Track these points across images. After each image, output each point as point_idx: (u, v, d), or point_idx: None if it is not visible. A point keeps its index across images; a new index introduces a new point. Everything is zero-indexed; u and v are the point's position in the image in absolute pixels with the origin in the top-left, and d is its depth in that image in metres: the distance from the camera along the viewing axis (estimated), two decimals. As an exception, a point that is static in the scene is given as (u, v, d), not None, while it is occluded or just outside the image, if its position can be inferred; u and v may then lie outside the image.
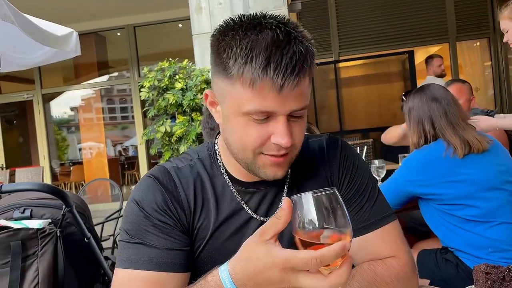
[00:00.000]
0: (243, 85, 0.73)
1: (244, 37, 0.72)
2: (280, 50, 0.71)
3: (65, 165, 9.32)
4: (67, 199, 1.75)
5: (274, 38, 0.71)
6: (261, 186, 0.88)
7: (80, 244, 1.88)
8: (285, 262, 0.60)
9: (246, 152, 0.79)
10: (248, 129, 0.77)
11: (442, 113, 1.73)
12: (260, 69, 0.71)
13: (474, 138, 1.69)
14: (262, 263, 0.62)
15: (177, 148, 3.60)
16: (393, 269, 0.86)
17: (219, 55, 0.76)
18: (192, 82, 3.54)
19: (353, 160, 0.94)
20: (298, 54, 0.72)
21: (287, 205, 0.63)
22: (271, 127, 0.76)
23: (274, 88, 0.71)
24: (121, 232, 0.85)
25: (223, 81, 0.77)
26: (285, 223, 0.62)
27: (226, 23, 0.78)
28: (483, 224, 1.65)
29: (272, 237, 0.62)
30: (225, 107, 0.80)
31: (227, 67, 0.74)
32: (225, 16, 3.70)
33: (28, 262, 1.66)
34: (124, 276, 0.80)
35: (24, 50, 3.65)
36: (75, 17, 6.91)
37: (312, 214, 0.62)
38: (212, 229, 0.85)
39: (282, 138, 0.75)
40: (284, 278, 0.61)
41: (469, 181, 1.66)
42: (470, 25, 6.70)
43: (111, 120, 10.04)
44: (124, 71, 8.53)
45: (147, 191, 0.84)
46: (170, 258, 0.80)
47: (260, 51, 0.71)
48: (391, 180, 1.84)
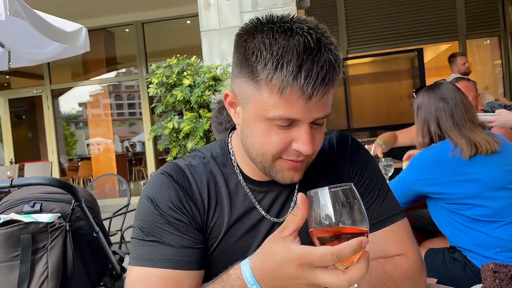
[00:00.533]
0: (270, 91, 0.72)
1: (275, 41, 0.71)
2: (311, 58, 0.70)
3: (73, 160, 9.40)
4: (77, 194, 1.76)
5: (306, 45, 0.70)
6: (274, 186, 0.88)
7: (88, 238, 1.90)
8: (302, 258, 0.60)
9: (265, 156, 0.79)
10: (270, 135, 0.76)
11: (448, 114, 1.72)
12: (291, 77, 0.69)
13: (482, 139, 1.67)
14: (280, 258, 0.63)
15: (184, 144, 3.62)
16: (402, 267, 0.86)
17: (246, 58, 0.74)
18: (200, 79, 3.55)
19: (363, 158, 0.94)
20: (328, 63, 0.71)
21: (303, 201, 0.63)
22: (294, 133, 0.75)
23: (303, 97, 0.70)
24: (135, 229, 0.84)
25: (248, 83, 0.75)
26: (302, 219, 0.63)
27: (252, 22, 0.77)
28: (491, 224, 1.65)
29: (291, 233, 0.63)
30: (247, 110, 0.79)
31: (254, 71, 0.73)
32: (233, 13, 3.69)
33: (38, 255, 1.68)
34: (139, 273, 0.80)
35: (34, 45, 3.68)
36: (84, 13, 6.94)
37: (329, 209, 0.61)
38: (225, 228, 0.85)
39: (304, 146, 0.75)
40: (301, 274, 0.61)
41: (477, 181, 1.65)
42: (480, 22, 6.63)
43: (119, 116, 10.10)
44: (132, 67, 8.57)
45: (161, 189, 0.84)
46: (185, 256, 0.80)
47: (292, 58, 0.69)
48: (399, 179, 1.84)
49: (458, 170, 1.67)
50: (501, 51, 6.74)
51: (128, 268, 0.83)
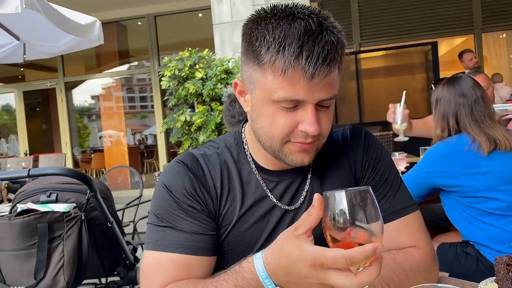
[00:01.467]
0: (274, 73, 0.74)
1: (277, 26, 0.73)
2: (312, 39, 0.72)
3: (86, 152, 9.52)
4: (92, 184, 1.79)
5: (307, 28, 0.72)
6: (286, 175, 0.90)
7: (103, 228, 1.93)
8: (315, 259, 0.61)
9: (274, 140, 0.81)
10: (277, 117, 0.78)
11: (468, 110, 1.72)
12: (292, 58, 0.71)
13: (501, 136, 1.67)
14: (292, 257, 0.64)
15: (196, 137, 3.64)
16: (414, 259, 0.86)
17: (251, 44, 0.77)
18: (212, 72, 3.56)
19: (377, 150, 0.94)
20: (330, 44, 0.72)
21: (319, 201, 0.63)
22: (300, 115, 0.77)
23: (305, 77, 0.72)
24: (150, 215, 0.87)
25: (254, 69, 0.78)
26: (317, 219, 0.63)
27: (258, 12, 0.79)
28: (505, 218, 1.64)
29: (304, 232, 0.64)
30: (255, 96, 0.81)
31: (259, 55, 0.75)
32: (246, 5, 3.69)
33: (54, 244, 1.72)
34: (154, 258, 0.83)
35: (49, 38, 3.72)
36: (97, 6, 6.99)
37: (344, 211, 0.61)
38: (237, 216, 0.87)
39: (310, 126, 0.76)
40: (312, 274, 0.62)
41: (491, 173, 1.65)
42: (497, 15, 6.51)
43: (131, 109, 10.18)
44: (144, 60, 8.62)
45: (176, 177, 0.87)
46: (198, 242, 0.83)
47: (293, 40, 0.72)
48: (413, 172, 1.83)
49: (473, 163, 1.66)
50: (517, 45, 6.63)
51: (144, 252, 0.85)
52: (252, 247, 0.87)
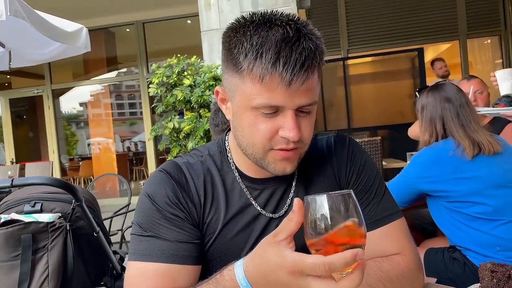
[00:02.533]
0: (252, 80, 0.75)
1: (255, 33, 0.74)
2: (289, 46, 0.72)
3: (74, 160, 9.42)
4: (77, 194, 1.77)
5: (284, 35, 0.73)
6: (270, 182, 0.90)
7: (89, 238, 1.90)
8: (294, 265, 0.59)
9: (255, 147, 0.81)
10: (257, 124, 0.78)
11: (454, 114, 1.74)
12: (269, 64, 0.72)
13: (485, 140, 1.69)
14: (272, 263, 0.62)
15: (185, 144, 3.62)
16: (399, 266, 0.86)
17: (230, 51, 0.77)
18: (200, 79, 3.55)
19: (361, 158, 0.95)
20: (307, 50, 0.73)
21: (299, 206, 0.62)
22: (280, 121, 0.77)
23: (283, 83, 0.73)
24: (134, 225, 0.86)
25: (233, 76, 0.78)
26: (297, 224, 0.62)
27: (238, 20, 0.80)
28: (491, 222, 1.65)
29: (285, 238, 0.62)
30: (235, 103, 0.81)
31: (237, 63, 0.76)
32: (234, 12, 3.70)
33: (38, 255, 1.69)
34: (137, 268, 0.82)
35: (34, 45, 3.69)
36: (85, 13, 6.95)
37: (326, 215, 0.59)
38: (221, 224, 0.87)
39: (290, 132, 0.76)
40: (292, 281, 0.61)
41: (477, 178, 1.66)
42: (481, 22, 6.62)
43: (120, 116, 10.11)
44: (132, 67, 8.58)
45: (159, 185, 0.86)
46: (182, 250, 0.82)
47: (270, 46, 0.72)
48: (400, 177, 1.84)
49: (459, 168, 1.68)
50: (501, 51, 6.74)
51: (127, 263, 0.84)
52: (237, 256, 0.86)
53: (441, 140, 1.76)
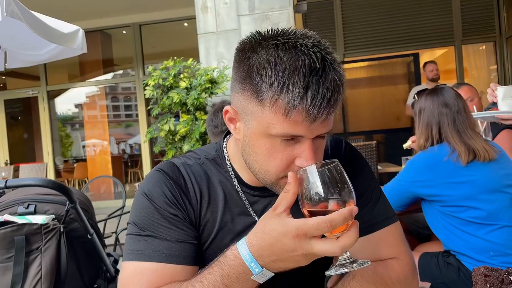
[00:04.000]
0: (275, 111, 0.71)
1: (280, 61, 0.69)
2: (317, 79, 0.69)
3: (68, 162, 9.37)
4: (71, 195, 1.76)
5: (312, 66, 0.69)
6: (268, 191, 0.88)
7: (83, 240, 1.89)
8: (298, 229, 0.64)
9: (268, 174, 0.78)
10: (273, 152, 0.75)
11: (450, 120, 1.75)
12: (297, 99, 0.68)
13: (481, 147, 1.70)
14: (276, 233, 0.66)
15: (180, 146, 3.62)
16: (394, 270, 0.86)
17: (250, 76, 0.73)
18: (196, 81, 3.55)
19: (357, 161, 0.95)
20: (334, 83, 0.70)
21: (293, 178, 0.68)
22: (297, 150, 0.74)
23: (309, 118, 0.70)
24: (130, 225, 0.85)
25: (252, 102, 0.74)
26: (294, 195, 0.67)
27: (256, 38, 0.75)
28: (485, 227, 1.66)
29: (284, 210, 0.67)
30: (249, 127, 0.77)
31: (259, 90, 0.72)
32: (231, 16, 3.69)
33: (31, 256, 1.67)
34: (135, 268, 0.80)
35: (30, 46, 3.68)
36: (81, 14, 6.94)
37: (318, 186, 0.66)
38: (217, 228, 0.86)
39: (307, 162, 0.73)
40: (297, 245, 0.64)
41: (471, 182, 1.67)
42: (476, 28, 6.67)
43: (115, 118, 10.08)
44: (129, 69, 8.56)
45: (157, 185, 0.85)
46: (181, 250, 0.81)
47: (298, 79, 0.68)
48: (395, 181, 1.85)
49: (453, 173, 1.69)
50: (496, 57, 6.78)
51: (123, 264, 0.82)
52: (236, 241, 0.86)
53: (436, 145, 1.77)
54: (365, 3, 6.83)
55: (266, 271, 0.69)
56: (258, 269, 0.68)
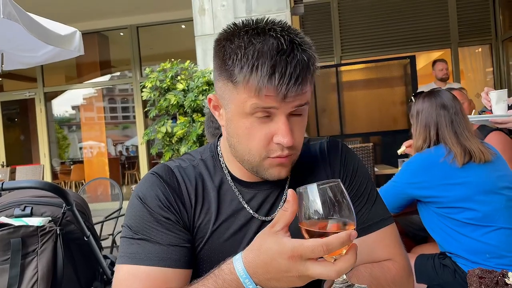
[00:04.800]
0: (248, 92, 0.76)
1: (249, 44, 0.75)
2: (284, 58, 0.73)
3: (65, 163, 9.34)
4: (68, 198, 1.76)
5: (279, 47, 0.74)
6: (263, 187, 0.90)
7: (79, 242, 1.89)
8: (293, 250, 0.63)
9: (251, 153, 0.82)
10: (252, 130, 0.79)
11: (448, 121, 1.76)
12: (265, 78, 0.73)
13: (477, 149, 1.71)
14: (271, 252, 0.65)
15: (177, 148, 3.61)
16: (390, 272, 0.86)
17: (225, 62, 0.78)
18: (194, 83, 3.55)
19: (353, 163, 0.95)
20: (302, 62, 0.74)
21: (293, 196, 0.66)
22: (273, 127, 0.78)
23: (278, 96, 0.74)
24: (124, 228, 0.86)
25: (228, 86, 0.79)
26: (292, 214, 0.66)
27: (230, 28, 0.80)
28: (481, 229, 1.66)
29: (282, 228, 0.66)
30: (229, 110, 0.82)
31: (232, 74, 0.77)
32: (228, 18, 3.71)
33: (27, 259, 1.67)
34: (127, 272, 0.81)
35: (27, 48, 3.67)
36: (79, 16, 6.93)
37: (318, 205, 0.64)
38: (212, 228, 0.87)
39: (283, 137, 0.77)
40: (292, 267, 0.63)
41: (467, 184, 1.68)
42: (472, 31, 6.71)
43: (112, 120, 10.06)
44: (126, 71, 8.55)
45: (151, 188, 0.86)
46: (173, 254, 0.82)
47: (266, 60, 0.73)
48: (391, 183, 1.85)
49: (449, 174, 1.70)
50: (492, 59, 6.82)
51: (116, 266, 0.83)
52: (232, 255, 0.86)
53: (432, 147, 1.78)
54: (362, 5, 6.86)
55: None
56: (252, 286, 0.67)
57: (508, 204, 1.69)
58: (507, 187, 1.72)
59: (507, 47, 6.55)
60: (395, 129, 5.74)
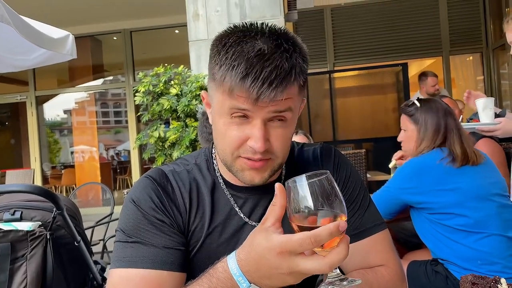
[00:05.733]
0: (223, 89, 0.77)
1: (233, 45, 0.76)
2: (261, 63, 0.73)
3: (56, 168, 9.25)
4: (58, 202, 1.73)
5: (260, 51, 0.74)
6: (255, 192, 0.89)
7: (69, 247, 1.86)
8: (282, 246, 0.61)
9: (225, 152, 0.82)
10: (228, 130, 0.80)
11: (455, 126, 1.81)
12: (237, 79, 0.73)
13: (471, 151, 1.75)
14: (261, 248, 0.64)
15: (170, 153, 3.60)
16: (383, 277, 0.86)
17: (211, 59, 0.81)
18: (187, 88, 3.54)
19: (346, 169, 0.96)
20: (280, 68, 0.73)
21: (280, 190, 0.65)
22: (248, 130, 0.78)
23: (250, 98, 0.74)
24: (118, 232, 0.85)
25: (211, 83, 0.82)
26: (281, 208, 0.65)
27: (225, 30, 0.82)
28: (472, 235, 1.67)
29: (272, 224, 0.64)
30: (213, 108, 0.84)
31: (214, 72, 0.79)
32: (222, 23, 3.71)
33: (17, 264, 1.65)
34: (121, 275, 0.80)
35: (19, 51, 3.64)
36: (72, 20, 6.90)
37: (307, 198, 0.62)
38: (206, 232, 0.86)
39: (256, 142, 0.77)
40: (281, 263, 0.62)
41: (459, 189, 1.69)
42: (463, 39, 6.79)
43: (105, 124, 10.00)
44: (119, 75, 8.52)
45: (145, 191, 0.86)
46: (168, 256, 0.81)
47: (242, 61, 0.74)
48: (385, 189, 1.86)
49: (441, 180, 1.71)
50: (483, 68, 6.90)
51: (110, 271, 0.82)
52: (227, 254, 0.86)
53: (426, 152, 1.79)
54: (355, 13, 6.92)
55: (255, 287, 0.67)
56: (246, 284, 0.66)
57: (499, 211, 1.70)
58: (498, 194, 1.74)
59: (498, 56, 6.64)
60: (388, 135, 5.77)
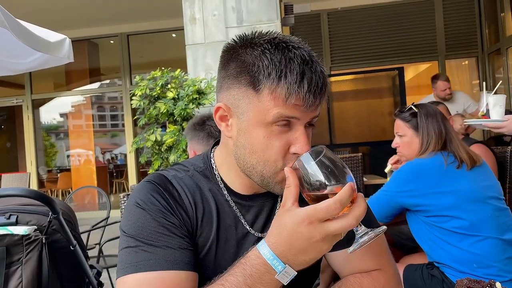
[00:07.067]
0: (274, 99, 0.75)
1: (275, 53, 0.76)
2: (309, 68, 0.76)
3: (52, 171, 9.22)
4: (54, 206, 1.73)
5: (303, 58, 0.76)
6: (258, 199, 0.89)
7: (65, 251, 1.85)
8: (310, 216, 0.66)
9: (267, 165, 0.79)
10: (271, 140, 0.78)
11: (452, 130, 1.86)
12: (295, 85, 0.74)
13: (467, 154, 1.78)
14: (290, 226, 0.67)
15: (167, 157, 3.59)
16: (379, 282, 0.87)
17: (245, 68, 0.77)
18: (184, 92, 3.55)
19: None
20: (321, 73, 0.77)
21: (290, 171, 0.71)
22: (291, 137, 0.78)
23: (305, 103, 0.75)
24: (125, 238, 0.81)
25: (247, 94, 0.78)
26: (296, 187, 0.70)
27: (242, 38, 0.81)
28: (468, 238, 1.68)
29: (292, 203, 0.69)
30: (245, 120, 0.80)
31: (255, 81, 0.76)
32: (219, 27, 3.71)
33: (12, 268, 1.63)
34: (137, 280, 0.76)
35: (16, 55, 3.63)
36: (69, 23, 6.90)
37: (316, 173, 0.69)
38: (211, 240, 0.85)
39: (302, 147, 0.77)
40: (313, 231, 0.66)
41: (455, 192, 1.70)
42: (459, 44, 6.83)
43: (101, 128, 9.99)
44: (116, 79, 8.52)
45: (150, 194, 0.83)
46: (184, 256, 0.79)
47: (294, 67, 0.74)
48: (382, 192, 1.87)
49: (438, 182, 1.72)
50: (478, 72, 6.95)
51: (119, 279, 0.78)
52: None
53: (423, 155, 1.81)
54: (352, 17, 6.95)
55: (289, 269, 0.69)
56: (281, 266, 0.68)
57: (495, 214, 1.71)
58: (494, 197, 1.75)
59: (493, 60, 6.69)
60: (384, 139, 5.79)
